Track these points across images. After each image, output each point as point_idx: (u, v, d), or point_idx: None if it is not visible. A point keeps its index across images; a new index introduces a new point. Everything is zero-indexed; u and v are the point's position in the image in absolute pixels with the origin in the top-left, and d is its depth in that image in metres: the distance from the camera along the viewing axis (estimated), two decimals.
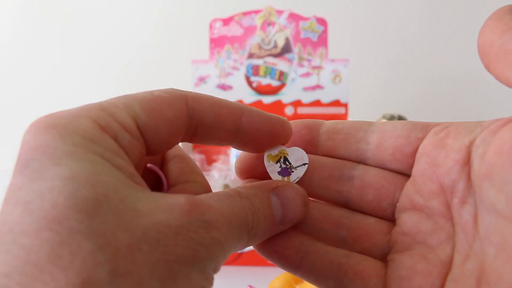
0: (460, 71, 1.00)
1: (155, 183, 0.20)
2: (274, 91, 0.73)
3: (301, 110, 0.73)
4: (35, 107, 1.05)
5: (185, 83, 0.76)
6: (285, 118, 0.21)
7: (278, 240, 0.20)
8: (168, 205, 0.15)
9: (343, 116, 0.72)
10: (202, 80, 0.73)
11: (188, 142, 0.20)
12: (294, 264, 0.20)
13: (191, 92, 0.19)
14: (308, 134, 0.22)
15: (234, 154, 0.65)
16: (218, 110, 0.19)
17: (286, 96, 0.73)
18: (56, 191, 0.13)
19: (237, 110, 0.19)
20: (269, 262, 0.22)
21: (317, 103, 0.72)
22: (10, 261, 0.12)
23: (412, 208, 0.20)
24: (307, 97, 0.73)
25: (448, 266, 0.18)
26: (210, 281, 0.16)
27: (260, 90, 0.73)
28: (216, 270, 0.16)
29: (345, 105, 0.72)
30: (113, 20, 1.03)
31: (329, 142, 0.22)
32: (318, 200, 0.22)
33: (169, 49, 1.02)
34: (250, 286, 0.47)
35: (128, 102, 0.17)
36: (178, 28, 1.01)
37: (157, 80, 1.02)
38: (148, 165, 0.20)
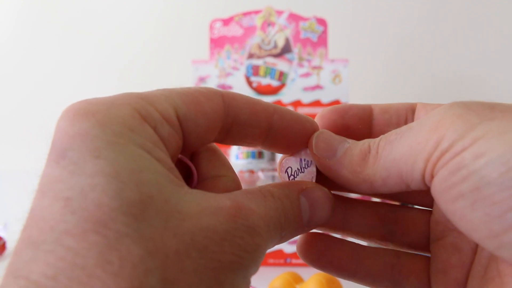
0: (460, 71, 1.00)
1: (185, 174, 0.19)
2: (274, 91, 0.73)
3: (301, 110, 0.73)
4: (35, 109, 1.05)
5: (185, 83, 0.76)
6: (312, 118, 0.21)
7: (331, 251, 0.21)
8: (213, 208, 0.15)
9: None
10: (202, 80, 0.73)
11: (221, 142, 0.19)
12: (351, 271, 0.21)
13: (224, 90, 0.19)
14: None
15: (234, 154, 0.65)
16: (253, 107, 0.19)
17: (286, 96, 0.73)
18: (99, 190, 0.13)
19: (270, 107, 0.19)
20: (270, 262, 0.22)
21: (317, 103, 0.72)
22: (55, 263, 0.12)
23: None
24: (307, 97, 0.73)
25: (475, 253, 0.19)
26: (249, 285, 0.16)
27: (260, 90, 0.73)
28: (255, 273, 0.16)
29: None
30: (113, 20, 1.03)
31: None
32: (364, 199, 0.23)
33: (169, 49, 1.02)
34: (250, 286, 0.47)
35: (167, 93, 0.16)
36: (178, 28, 1.01)
37: (157, 80, 1.02)
38: (179, 156, 0.19)
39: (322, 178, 0.21)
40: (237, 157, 0.64)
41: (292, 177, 0.21)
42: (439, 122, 0.16)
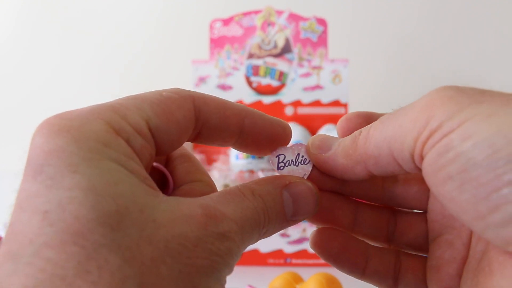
0: (460, 71, 1.00)
1: (161, 181, 0.20)
2: (274, 91, 0.73)
3: (301, 110, 0.73)
4: (36, 108, 1.05)
5: (185, 83, 0.77)
6: (286, 122, 0.21)
7: (348, 249, 0.22)
8: (185, 217, 0.15)
9: None
10: (202, 80, 0.73)
11: (191, 142, 0.20)
12: (361, 268, 0.22)
13: (196, 92, 0.19)
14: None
15: (234, 154, 0.65)
16: (223, 112, 0.19)
17: (286, 96, 0.73)
18: (76, 203, 0.13)
19: (241, 111, 0.20)
20: (270, 262, 0.22)
21: (317, 103, 0.72)
22: (35, 275, 0.12)
23: None
24: (307, 97, 0.73)
25: (468, 248, 0.20)
26: (224, 285, 0.16)
27: (260, 90, 0.73)
28: (229, 273, 0.17)
29: (345, 105, 0.72)
30: (113, 20, 1.03)
31: None
32: (368, 202, 0.23)
33: (170, 49, 1.02)
34: (250, 286, 0.47)
35: (139, 104, 0.17)
36: (179, 28, 1.01)
37: (157, 80, 1.02)
38: (155, 164, 0.20)
39: (318, 177, 0.21)
40: (237, 157, 0.64)
41: (282, 164, 0.21)
42: (430, 102, 0.17)
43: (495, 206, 0.14)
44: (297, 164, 0.21)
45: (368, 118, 0.21)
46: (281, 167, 0.21)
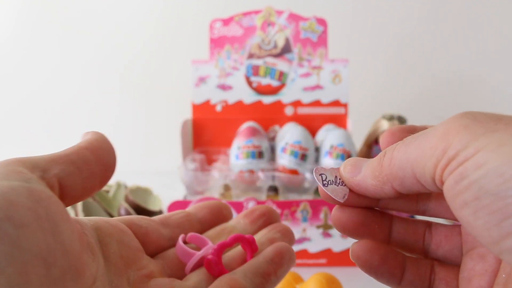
0: (460, 71, 1.00)
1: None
2: (274, 91, 0.73)
3: (301, 110, 0.73)
4: (36, 108, 1.05)
5: (185, 83, 0.77)
6: None
7: (388, 261, 0.22)
8: None
9: (343, 116, 0.72)
10: (202, 80, 0.73)
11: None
12: (398, 279, 0.22)
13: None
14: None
15: (234, 154, 0.65)
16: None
17: (286, 96, 0.73)
18: None
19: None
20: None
21: (317, 103, 0.73)
22: None
23: None
24: (307, 97, 0.73)
25: (499, 262, 0.20)
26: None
27: (260, 90, 0.73)
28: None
29: (345, 105, 0.72)
30: (113, 20, 1.03)
31: None
32: (402, 216, 0.24)
33: (170, 49, 1.02)
34: None
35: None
36: (179, 28, 1.01)
37: (157, 80, 1.02)
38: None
39: (356, 196, 0.23)
40: (237, 157, 0.64)
41: (325, 182, 0.23)
42: (448, 131, 0.18)
43: (506, 233, 0.15)
44: (337, 185, 0.22)
45: (411, 131, 0.22)
46: (325, 185, 0.22)
